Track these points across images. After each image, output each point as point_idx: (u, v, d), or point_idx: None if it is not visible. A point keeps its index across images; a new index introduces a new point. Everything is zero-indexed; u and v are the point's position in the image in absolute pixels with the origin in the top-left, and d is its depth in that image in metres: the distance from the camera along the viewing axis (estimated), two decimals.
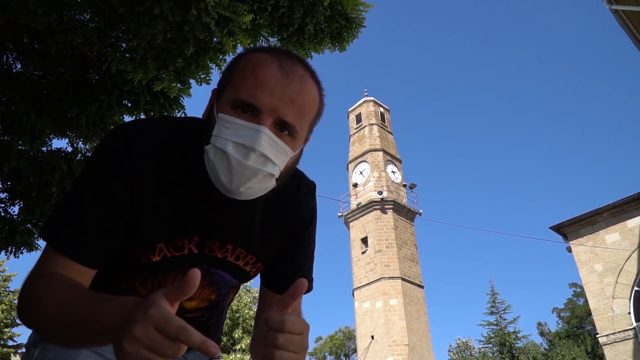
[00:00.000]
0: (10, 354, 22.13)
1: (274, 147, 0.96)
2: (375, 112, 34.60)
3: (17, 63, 4.53)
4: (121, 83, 4.02)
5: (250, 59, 1.00)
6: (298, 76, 0.98)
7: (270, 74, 0.96)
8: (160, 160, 1.05)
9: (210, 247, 1.12)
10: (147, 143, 1.05)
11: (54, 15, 3.51)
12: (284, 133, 0.98)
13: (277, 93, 0.95)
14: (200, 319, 1.23)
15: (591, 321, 28.89)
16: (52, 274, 0.94)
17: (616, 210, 16.63)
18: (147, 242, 1.05)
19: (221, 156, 0.95)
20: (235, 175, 0.95)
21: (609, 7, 8.86)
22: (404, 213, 30.64)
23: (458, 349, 39.84)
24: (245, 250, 1.16)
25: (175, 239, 1.08)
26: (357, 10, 4.17)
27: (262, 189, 1.00)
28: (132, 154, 1.02)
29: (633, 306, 15.58)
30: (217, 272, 1.17)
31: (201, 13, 3.19)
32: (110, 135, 1.07)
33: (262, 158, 0.95)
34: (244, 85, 0.96)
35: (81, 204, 0.99)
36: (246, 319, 22.19)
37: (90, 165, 1.04)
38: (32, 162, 4.65)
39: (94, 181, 1.01)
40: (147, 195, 1.03)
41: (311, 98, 1.01)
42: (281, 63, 0.98)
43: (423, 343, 27.10)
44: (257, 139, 0.93)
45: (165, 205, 1.05)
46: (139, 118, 1.04)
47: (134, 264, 1.08)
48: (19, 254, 5.16)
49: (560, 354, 30.28)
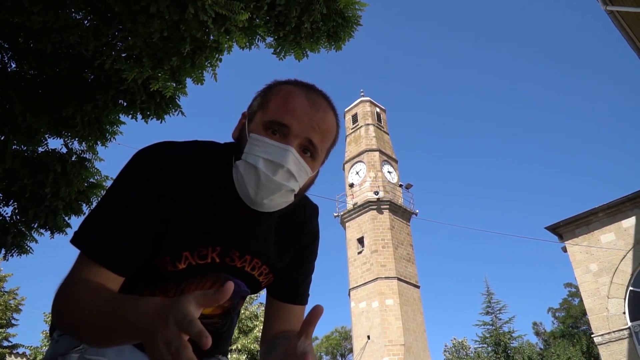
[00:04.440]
0: (6, 355, 22.03)
1: (298, 166, 1.08)
2: (372, 112, 34.64)
3: (12, 62, 4.51)
4: (117, 82, 4.01)
5: (282, 89, 1.14)
6: (322, 107, 1.13)
7: (299, 103, 1.10)
8: (187, 175, 1.15)
9: (231, 256, 1.21)
10: (176, 161, 1.15)
11: (50, 14, 3.49)
12: (307, 155, 1.10)
13: (305, 120, 1.09)
14: (215, 325, 1.31)
15: (586, 321, 29.00)
16: (84, 280, 1.02)
17: (611, 211, 16.68)
18: (174, 251, 1.14)
19: (251, 170, 1.06)
20: (262, 188, 1.06)
21: (604, 8, 8.88)
22: (400, 213, 30.69)
23: (454, 349, 39.93)
24: (261, 261, 1.26)
25: (200, 248, 1.17)
26: (353, 8, 4.18)
27: (282, 203, 1.11)
28: (162, 172, 1.12)
29: (628, 306, 15.64)
30: (235, 281, 1.24)
31: (198, 11, 3.18)
32: (141, 153, 1.17)
33: (288, 174, 1.06)
34: (275, 111, 1.10)
35: (112, 216, 1.07)
36: (242, 319, 22.18)
37: (122, 180, 1.13)
38: (26, 163, 4.62)
39: (125, 195, 1.10)
40: (175, 209, 1.12)
41: (332, 127, 1.15)
42: (309, 95, 1.13)
43: (419, 343, 27.14)
44: (285, 157, 1.05)
45: (191, 218, 1.14)
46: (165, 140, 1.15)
47: (158, 273, 1.17)
48: (9, 256, 5.11)
49: (556, 354, 30.38)
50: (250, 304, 23.34)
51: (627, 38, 9.65)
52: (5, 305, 22.18)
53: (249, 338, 21.38)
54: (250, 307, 23.12)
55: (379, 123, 34.74)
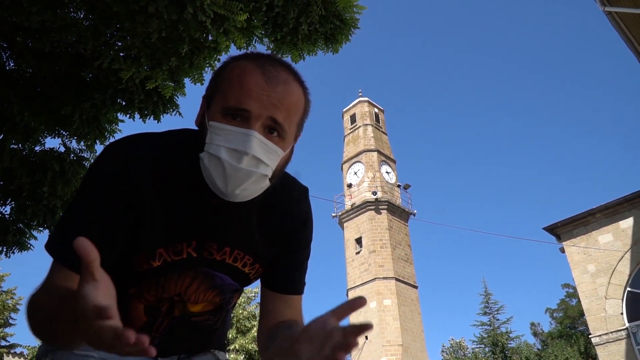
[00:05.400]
0: (3, 354, 22.01)
1: (265, 149, 1.01)
2: (370, 112, 34.65)
3: (10, 61, 4.50)
4: (115, 81, 4.01)
5: (234, 68, 1.06)
6: (282, 80, 1.04)
7: (255, 81, 1.02)
8: (155, 170, 1.10)
9: (208, 250, 1.16)
10: (142, 155, 1.10)
11: (48, 13, 3.49)
12: (273, 135, 1.03)
13: (264, 98, 1.01)
14: (206, 323, 1.27)
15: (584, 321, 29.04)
16: (52, 285, 1.00)
17: (609, 211, 16.68)
18: (148, 249, 1.11)
19: (215, 162, 1.00)
20: (230, 179, 1.00)
21: (602, 8, 8.90)
22: (398, 213, 30.70)
23: (451, 349, 39.91)
24: (243, 251, 1.20)
25: (174, 243, 1.13)
26: (351, 11, 4.18)
27: (257, 190, 1.05)
28: (128, 167, 1.07)
29: (626, 307, 15.65)
30: (217, 275, 1.20)
31: (197, 11, 3.18)
32: (106, 150, 1.12)
33: (255, 160, 1.00)
34: (231, 94, 1.02)
35: (80, 218, 1.05)
36: (240, 319, 22.13)
37: (88, 180, 1.09)
38: (24, 162, 4.63)
39: (92, 195, 1.07)
40: (145, 205, 1.08)
41: (296, 99, 1.07)
42: (264, 70, 1.03)
43: (417, 343, 27.16)
44: (248, 142, 0.99)
45: (163, 213, 1.10)
46: (135, 133, 1.09)
47: (137, 272, 1.13)
48: (11, 253, 5.13)
49: (553, 354, 30.44)
50: (248, 304, 23.31)
51: (625, 39, 9.66)
52: (2, 304, 22.15)
53: (246, 338, 21.36)
54: (249, 307, 23.09)
55: (377, 123, 34.75)
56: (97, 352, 1.12)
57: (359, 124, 34.08)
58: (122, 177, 1.06)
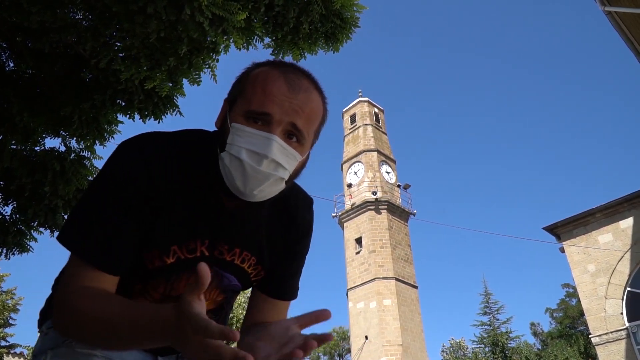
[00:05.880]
0: (3, 354, 22.01)
1: (284, 153, 1.05)
2: (370, 112, 34.64)
3: (10, 61, 4.51)
4: (115, 82, 4.01)
5: (258, 73, 1.10)
6: (304, 88, 1.08)
7: (278, 87, 1.05)
8: (173, 168, 1.12)
9: (220, 249, 1.19)
10: (161, 152, 1.12)
11: (48, 13, 3.49)
12: (292, 140, 1.07)
13: (286, 104, 1.04)
14: None
15: (584, 321, 29.05)
16: (84, 288, 1.01)
17: (609, 211, 16.69)
18: (162, 246, 1.12)
19: (236, 162, 1.04)
20: (249, 180, 1.04)
21: (602, 8, 8.89)
22: (398, 213, 30.69)
23: (451, 349, 39.90)
24: (251, 253, 1.23)
25: (188, 241, 1.14)
26: (351, 10, 4.18)
27: (273, 191, 1.09)
28: (147, 164, 1.09)
29: (625, 306, 15.66)
30: (225, 275, 1.23)
31: (195, 12, 3.18)
32: (125, 145, 1.13)
33: (274, 164, 1.03)
34: (254, 98, 1.05)
35: (101, 214, 1.05)
36: (240, 319, 22.10)
37: (106, 174, 1.10)
38: (24, 162, 4.63)
39: (112, 191, 1.07)
40: (162, 201, 1.10)
41: (316, 107, 1.11)
42: (287, 77, 1.07)
43: (417, 343, 27.15)
44: (269, 146, 1.02)
45: (179, 211, 1.12)
46: (150, 131, 1.11)
47: (146, 268, 1.14)
48: (11, 255, 5.12)
49: (553, 354, 30.44)
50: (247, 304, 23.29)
51: (625, 39, 9.65)
52: (2, 305, 22.15)
53: None
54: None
55: (377, 123, 34.74)
56: (101, 351, 1.13)
57: (359, 123, 34.08)
58: (143, 173, 1.08)
